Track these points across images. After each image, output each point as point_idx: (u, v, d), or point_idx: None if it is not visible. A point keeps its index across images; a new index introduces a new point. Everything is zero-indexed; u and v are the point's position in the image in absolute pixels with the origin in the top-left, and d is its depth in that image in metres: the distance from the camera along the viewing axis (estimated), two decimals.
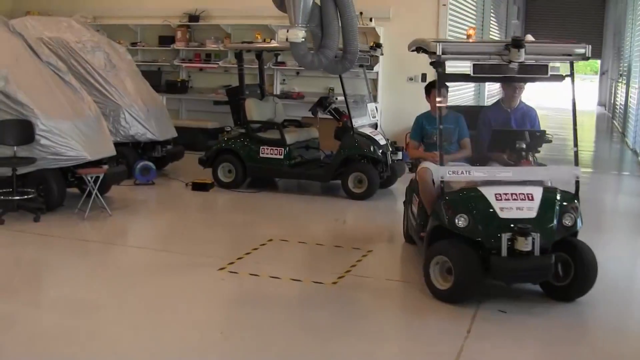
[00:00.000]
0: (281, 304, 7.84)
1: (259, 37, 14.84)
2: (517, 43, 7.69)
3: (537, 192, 7.92)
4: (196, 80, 19.14)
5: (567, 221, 7.86)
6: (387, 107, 17.24)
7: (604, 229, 11.62)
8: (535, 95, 38.07)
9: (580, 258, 7.77)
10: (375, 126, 13.86)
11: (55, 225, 10.70)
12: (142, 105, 13.88)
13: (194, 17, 18.65)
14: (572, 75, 8.25)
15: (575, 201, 8.04)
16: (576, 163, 8.34)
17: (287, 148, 13.27)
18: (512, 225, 7.57)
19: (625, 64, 27.20)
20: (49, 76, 11.81)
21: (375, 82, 17.01)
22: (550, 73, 8.07)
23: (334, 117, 13.59)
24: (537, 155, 8.75)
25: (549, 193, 8.00)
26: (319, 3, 9.54)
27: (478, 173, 8.14)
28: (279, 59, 17.24)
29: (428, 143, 9.51)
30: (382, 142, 13.10)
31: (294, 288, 8.34)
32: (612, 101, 34.02)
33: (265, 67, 15.44)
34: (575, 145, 8.34)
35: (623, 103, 26.83)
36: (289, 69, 17.49)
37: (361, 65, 13.60)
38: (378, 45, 15.70)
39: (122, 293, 8.05)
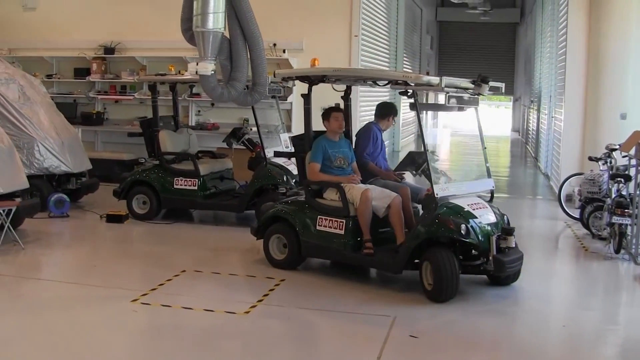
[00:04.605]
0: (193, 334, 7.88)
1: (172, 69, 14.91)
2: (485, 80, 9.22)
3: (482, 201, 9.70)
4: (112, 112, 19.12)
5: (506, 220, 9.70)
6: None
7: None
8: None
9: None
10: (288, 156, 14.01)
11: None
12: (56, 138, 13.82)
13: (109, 50, 18.66)
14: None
15: None
16: (489, 176, 10.20)
17: (201, 179, 13.35)
18: (494, 228, 9.27)
19: (536, 91, 27.78)
20: None
21: (289, 112, 17.22)
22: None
23: (248, 147, 13.73)
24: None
25: (487, 201, 9.81)
26: (228, 36, 9.71)
27: (452, 190, 9.52)
28: (194, 90, 17.28)
29: (329, 166, 10.30)
30: (295, 171, 13.19)
31: (207, 318, 8.39)
32: (525, 127, 34.64)
33: (180, 98, 15.54)
34: (487, 162, 10.26)
35: (535, 129, 27.38)
36: (204, 100, 17.57)
37: (274, 97, 13.76)
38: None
39: (32, 328, 8.02)
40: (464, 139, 38.90)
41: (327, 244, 10.00)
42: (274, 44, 16.80)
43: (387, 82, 10.28)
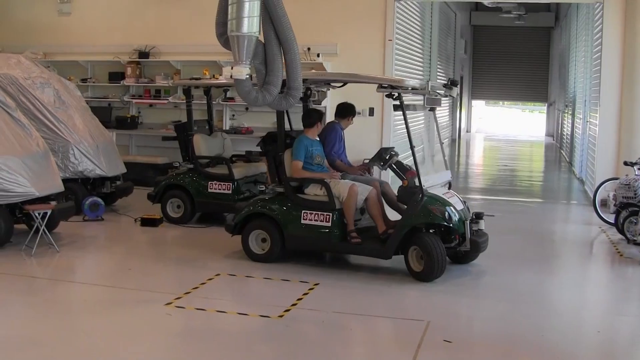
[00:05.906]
0: (227, 338, 7.92)
1: (206, 73, 14.94)
2: (455, 83, 10.80)
3: (450, 190, 10.92)
4: (146, 116, 19.17)
5: (468, 205, 10.86)
6: None
7: (553, 257, 12.09)
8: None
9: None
10: None
11: (2, 262, 10.70)
12: (91, 142, 13.90)
13: (143, 54, 18.72)
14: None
15: None
16: (447, 168, 11.55)
17: (235, 183, 13.40)
18: (466, 214, 10.48)
19: (571, 95, 27.62)
20: None
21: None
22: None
23: None
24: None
25: (452, 189, 11.09)
26: (262, 40, 9.72)
27: (430, 181, 10.57)
28: (228, 94, 17.27)
29: (310, 164, 10.99)
30: None
31: (241, 322, 8.43)
32: (559, 131, 34.43)
33: (214, 102, 15.57)
34: (444, 156, 11.85)
35: (569, 133, 27.21)
36: (238, 104, 17.55)
37: None
38: None
39: (67, 330, 8.08)
40: (497, 143, 38.78)
41: (313, 236, 10.74)
42: (308, 48, 16.78)
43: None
